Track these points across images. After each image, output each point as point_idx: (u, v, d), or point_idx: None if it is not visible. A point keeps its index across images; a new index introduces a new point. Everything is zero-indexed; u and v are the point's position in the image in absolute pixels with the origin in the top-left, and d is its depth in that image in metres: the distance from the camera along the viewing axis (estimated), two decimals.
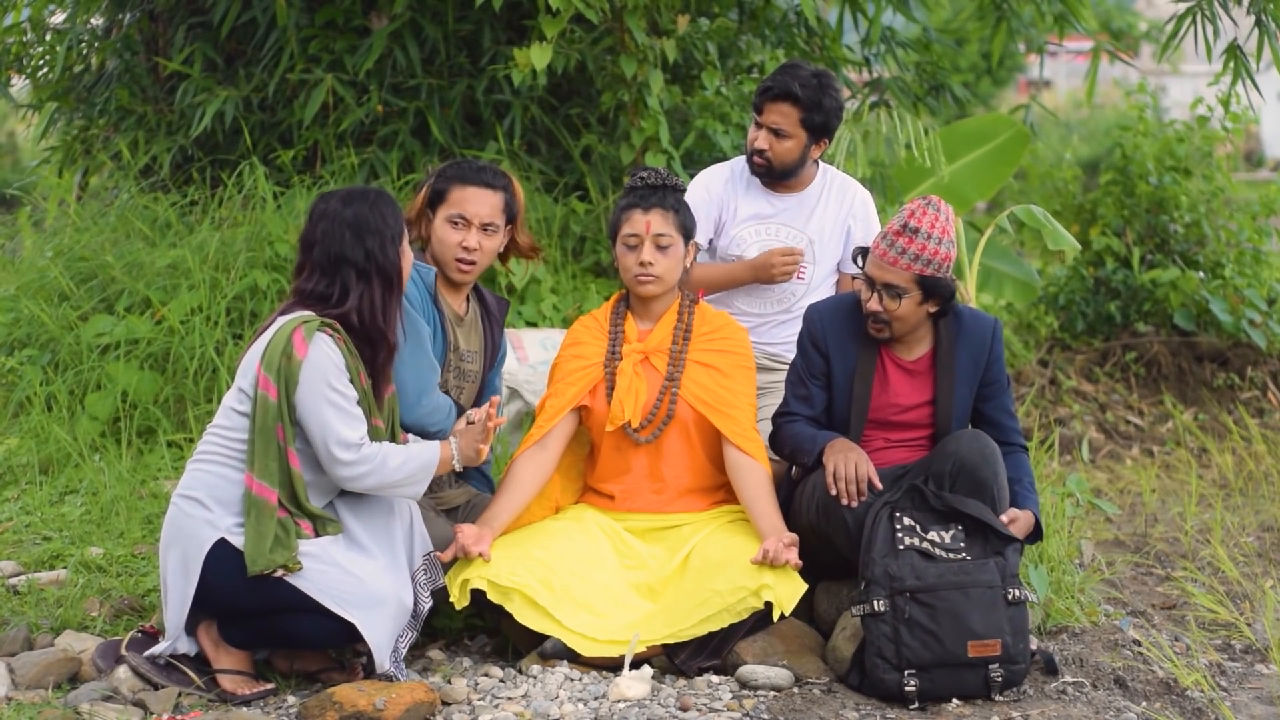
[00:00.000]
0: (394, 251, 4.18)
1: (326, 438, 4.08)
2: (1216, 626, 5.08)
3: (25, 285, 6.67)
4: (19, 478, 5.92)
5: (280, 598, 4.07)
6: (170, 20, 7.61)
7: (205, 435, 4.23)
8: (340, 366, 4.11)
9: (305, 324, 4.10)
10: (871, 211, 5.23)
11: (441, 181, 4.70)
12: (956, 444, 4.41)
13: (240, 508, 4.10)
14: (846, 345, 4.60)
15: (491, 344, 4.83)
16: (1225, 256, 8.83)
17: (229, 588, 4.08)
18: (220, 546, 4.08)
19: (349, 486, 4.15)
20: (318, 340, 4.10)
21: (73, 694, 4.15)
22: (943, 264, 4.46)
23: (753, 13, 7.85)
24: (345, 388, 4.11)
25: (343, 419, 4.09)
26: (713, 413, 4.61)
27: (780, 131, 5.04)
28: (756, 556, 4.36)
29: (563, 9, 6.37)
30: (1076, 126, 20.37)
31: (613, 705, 4.12)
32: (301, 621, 4.10)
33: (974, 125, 8.56)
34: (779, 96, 5.02)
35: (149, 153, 7.30)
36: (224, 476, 4.13)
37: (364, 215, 4.17)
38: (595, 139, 7.15)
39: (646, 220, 4.63)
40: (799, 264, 5.09)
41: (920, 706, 4.18)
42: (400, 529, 4.27)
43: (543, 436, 4.62)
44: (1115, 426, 8.15)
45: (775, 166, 5.09)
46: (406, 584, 4.22)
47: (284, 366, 4.07)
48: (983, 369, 4.61)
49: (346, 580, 4.09)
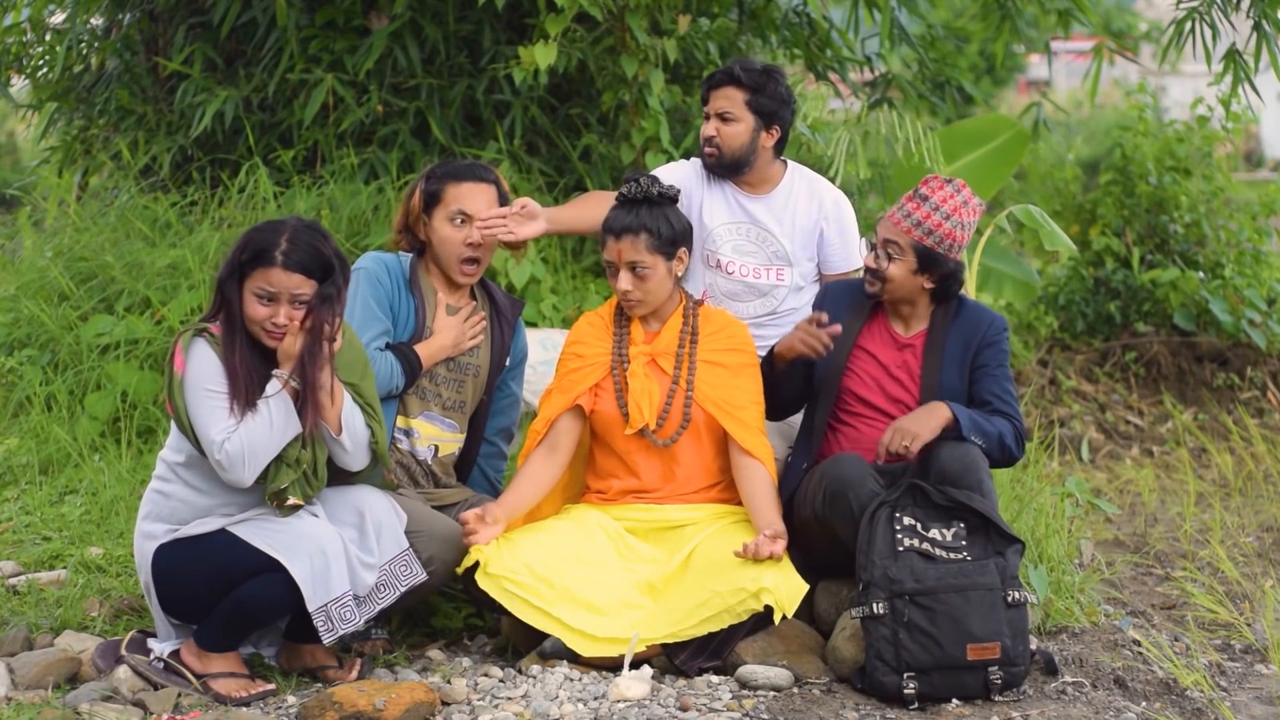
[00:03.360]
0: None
1: (206, 441, 4.10)
2: (1216, 626, 5.08)
3: (25, 285, 6.67)
4: (19, 478, 5.92)
5: (224, 558, 4.11)
6: (170, 20, 7.61)
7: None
8: (215, 368, 4.12)
9: (184, 335, 4.15)
10: (845, 213, 5.15)
11: (433, 183, 4.71)
12: (937, 455, 4.41)
13: (173, 515, 4.19)
14: (844, 313, 4.67)
15: (500, 342, 4.83)
16: (1225, 256, 8.83)
17: (180, 582, 4.16)
18: (161, 551, 4.18)
19: (240, 479, 4.12)
20: (194, 348, 4.13)
21: (73, 694, 4.15)
22: (945, 239, 4.51)
23: (753, 13, 7.86)
24: (219, 386, 4.11)
25: (215, 419, 4.09)
26: (722, 414, 4.62)
27: (726, 115, 4.98)
28: (740, 549, 4.38)
29: (567, 7, 6.37)
30: (1077, 127, 20.36)
31: (613, 705, 4.12)
32: (251, 589, 4.12)
33: (974, 126, 8.56)
34: (721, 82, 5.01)
35: (149, 153, 7.30)
36: (164, 487, 4.23)
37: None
38: (595, 139, 7.15)
39: (618, 248, 4.59)
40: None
41: (920, 707, 4.18)
42: (371, 525, 4.28)
43: (551, 438, 4.63)
44: (1115, 426, 8.15)
45: (725, 154, 5.00)
46: (361, 554, 4.22)
47: (170, 383, 4.13)
48: (973, 353, 4.62)
49: (279, 529, 4.14)
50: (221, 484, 4.17)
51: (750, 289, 5.11)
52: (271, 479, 4.14)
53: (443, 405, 4.73)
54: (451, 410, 4.75)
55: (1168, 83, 21.83)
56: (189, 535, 4.16)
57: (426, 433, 4.70)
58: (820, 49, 8.01)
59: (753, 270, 5.10)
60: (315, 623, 4.12)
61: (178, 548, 4.16)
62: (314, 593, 4.10)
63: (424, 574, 4.35)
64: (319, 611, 4.11)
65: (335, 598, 4.14)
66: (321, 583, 4.12)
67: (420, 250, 4.77)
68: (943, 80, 8.73)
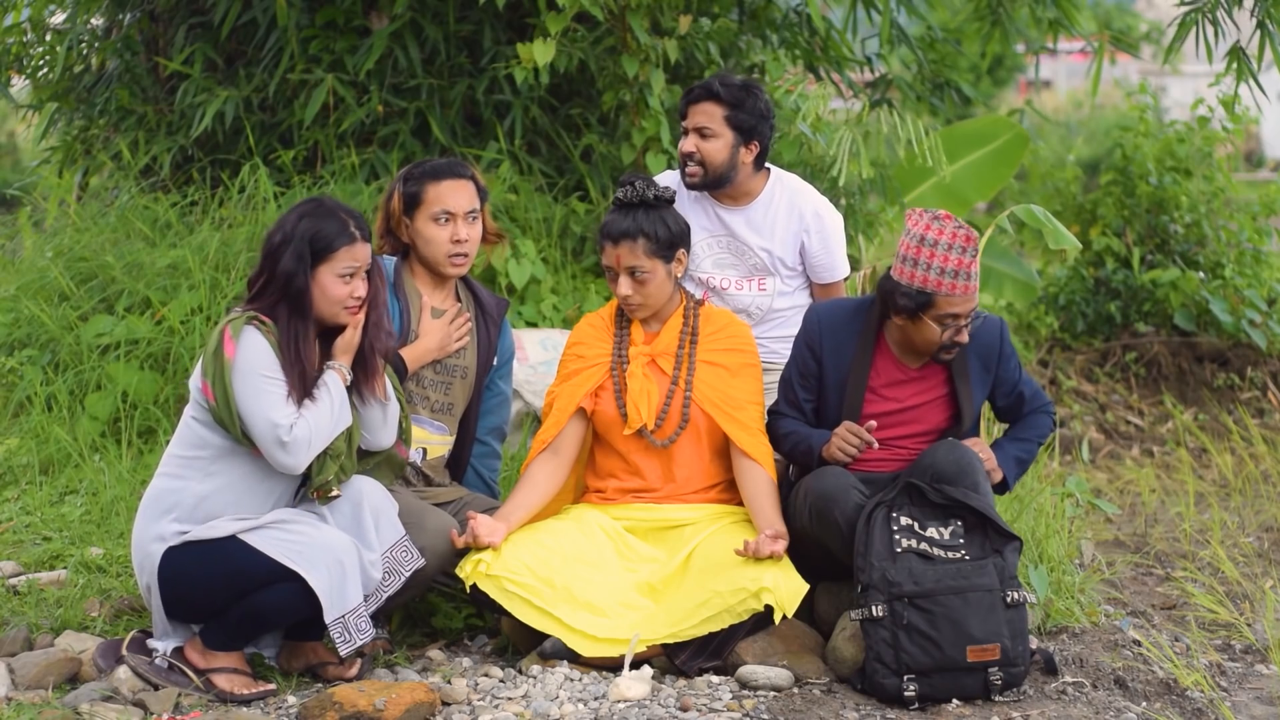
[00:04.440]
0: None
1: (266, 426, 4.11)
2: (1216, 627, 5.08)
3: (25, 285, 6.66)
4: (19, 478, 5.92)
5: (236, 566, 4.10)
6: (170, 20, 7.61)
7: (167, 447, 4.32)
8: (270, 355, 4.14)
9: (233, 323, 4.15)
10: (827, 223, 5.08)
11: (412, 185, 4.70)
12: (933, 456, 4.40)
13: (189, 515, 4.17)
14: (843, 347, 4.58)
15: (486, 342, 4.82)
16: (1225, 257, 8.83)
17: (190, 586, 4.15)
18: (169, 555, 4.15)
19: (297, 465, 4.15)
20: (246, 335, 4.13)
21: (73, 694, 4.15)
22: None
23: (753, 13, 7.85)
24: (275, 373, 4.14)
25: (275, 404, 4.11)
26: (722, 415, 4.61)
27: (705, 131, 4.95)
28: (740, 549, 4.37)
29: (567, 6, 6.37)
30: (1077, 127, 20.36)
31: (613, 705, 4.12)
32: (267, 597, 4.13)
33: (974, 126, 8.57)
34: (700, 97, 4.97)
35: (149, 153, 7.30)
36: (174, 484, 4.21)
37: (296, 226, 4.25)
38: (596, 139, 7.15)
39: (617, 254, 4.59)
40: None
41: (920, 707, 4.18)
42: (369, 514, 4.29)
43: (555, 441, 4.63)
44: (1115, 427, 8.15)
45: (708, 172, 4.97)
46: (365, 552, 4.24)
47: (216, 369, 4.12)
48: (994, 372, 4.61)
49: (293, 537, 4.14)
50: (238, 479, 4.18)
51: (734, 299, 5.09)
52: (317, 473, 4.20)
53: (431, 408, 4.73)
54: (440, 413, 4.75)
55: (1168, 83, 21.82)
56: (200, 539, 4.15)
57: (415, 435, 4.69)
58: (821, 49, 8.01)
59: (734, 283, 5.09)
60: (332, 634, 4.14)
61: (187, 552, 4.15)
62: (332, 604, 4.12)
63: (423, 559, 4.36)
64: (336, 623, 4.13)
65: (352, 609, 4.16)
66: (339, 594, 4.13)
67: (404, 253, 4.77)
68: (942, 81, 8.72)
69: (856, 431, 4.45)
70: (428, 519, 4.47)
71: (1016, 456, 4.61)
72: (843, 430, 4.48)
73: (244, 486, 4.21)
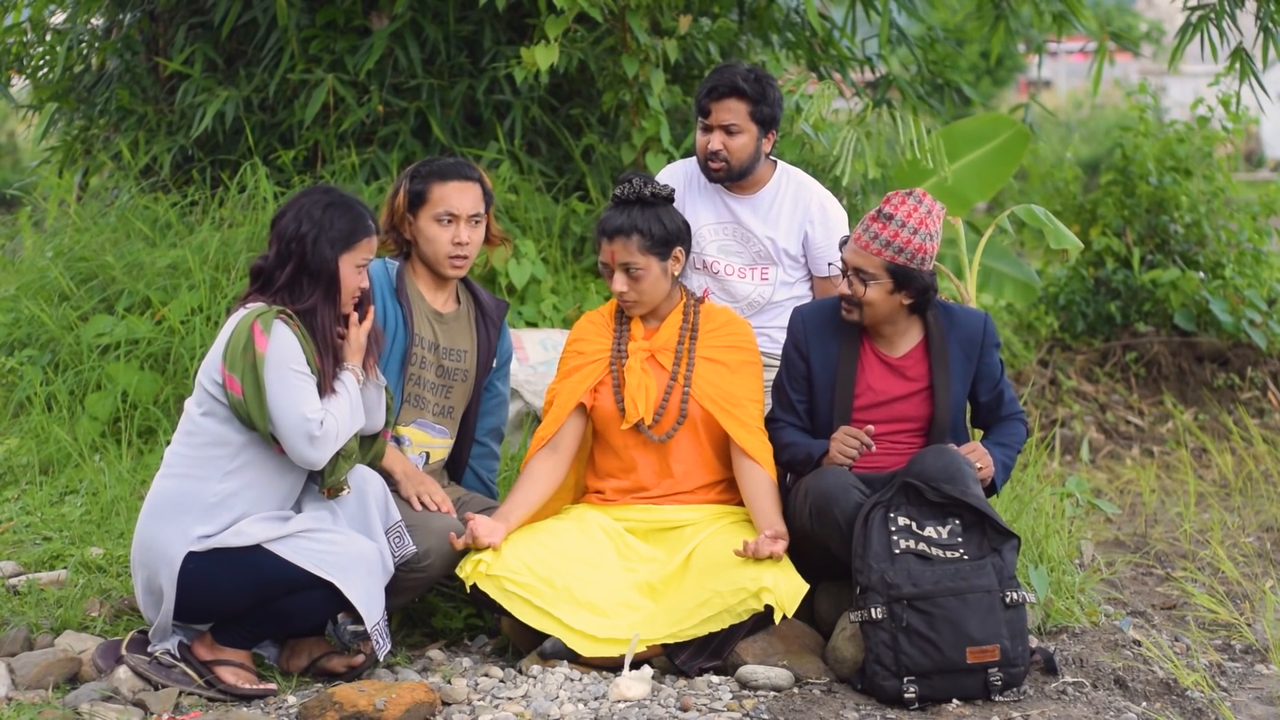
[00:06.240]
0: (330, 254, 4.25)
1: (298, 419, 4.11)
2: (1216, 627, 5.08)
3: (25, 285, 6.67)
4: (19, 478, 5.92)
5: (265, 576, 4.11)
6: (170, 20, 7.61)
7: (170, 446, 4.28)
8: (298, 349, 4.15)
9: (261, 316, 4.14)
10: (831, 215, 5.11)
11: (418, 183, 4.70)
12: (922, 462, 4.39)
13: (208, 514, 4.14)
14: (828, 343, 4.60)
15: (486, 344, 4.82)
16: (1225, 257, 8.83)
17: (213, 593, 4.13)
18: (191, 560, 4.12)
19: (321, 459, 4.16)
20: (276, 328, 4.14)
21: (73, 694, 4.15)
22: (916, 254, 4.44)
23: (753, 13, 7.85)
24: (304, 367, 4.16)
25: (308, 398, 4.13)
26: (721, 413, 4.61)
27: (733, 128, 4.97)
28: (740, 549, 4.38)
29: (567, 9, 6.37)
30: (1077, 127, 20.37)
31: (613, 705, 4.12)
32: (292, 603, 4.15)
33: (974, 125, 8.56)
34: (726, 94, 4.97)
35: (149, 153, 7.30)
36: (188, 485, 4.17)
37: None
38: (596, 139, 7.15)
39: (611, 250, 4.61)
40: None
41: (920, 707, 4.18)
42: (374, 502, 4.31)
43: (554, 437, 4.63)
44: (1115, 427, 8.15)
45: (734, 166, 5.00)
46: (384, 548, 4.28)
47: (246, 362, 4.11)
48: (975, 363, 4.61)
49: (323, 547, 4.14)
50: (259, 476, 4.18)
51: (735, 287, 5.10)
52: (329, 474, 4.23)
53: (432, 412, 4.73)
54: (441, 416, 4.76)
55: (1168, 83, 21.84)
56: (224, 547, 4.12)
57: (418, 440, 4.71)
58: (823, 49, 8.01)
59: (738, 270, 5.11)
60: (373, 641, 4.18)
61: (211, 559, 4.11)
62: (369, 613, 4.15)
63: (413, 547, 4.37)
64: (375, 629, 4.16)
65: (383, 615, 4.22)
66: (375, 602, 4.18)
67: (406, 255, 4.77)
68: (941, 82, 8.72)
69: (855, 434, 4.46)
70: (433, 519, 4.48)
71: (1002, 462, 4.62)
72: (841, 434, 4.50)
73: (265, 482, 4.21)
